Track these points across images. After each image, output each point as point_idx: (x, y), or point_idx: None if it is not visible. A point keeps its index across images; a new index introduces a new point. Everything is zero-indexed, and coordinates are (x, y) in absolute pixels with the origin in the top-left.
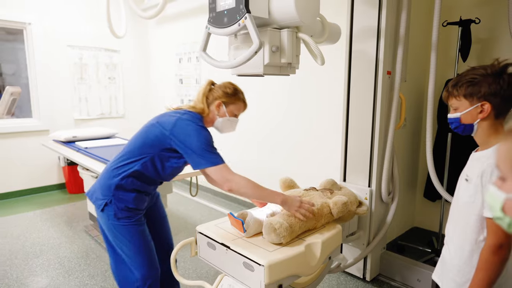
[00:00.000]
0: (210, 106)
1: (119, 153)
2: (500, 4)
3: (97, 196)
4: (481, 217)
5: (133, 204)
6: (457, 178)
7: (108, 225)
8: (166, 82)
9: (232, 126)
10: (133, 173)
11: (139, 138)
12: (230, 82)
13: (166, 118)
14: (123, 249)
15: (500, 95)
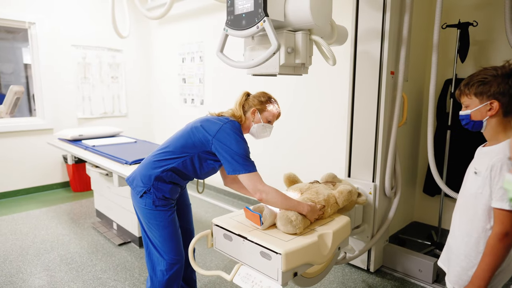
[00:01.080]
0: (246, 114)
1: (161, 147)
2: (496, 8)
3: (137, 183)
4: (489, 207)
5: (169, 194)
6: (455, 173)
7: (144, 211)
8: (168, 81)
9: (267, 132)
10: (173, 168)
11: (182, 137)
12: (264, 92)
13: (211, 123)
14: (155, 234)
15: (508, 94)
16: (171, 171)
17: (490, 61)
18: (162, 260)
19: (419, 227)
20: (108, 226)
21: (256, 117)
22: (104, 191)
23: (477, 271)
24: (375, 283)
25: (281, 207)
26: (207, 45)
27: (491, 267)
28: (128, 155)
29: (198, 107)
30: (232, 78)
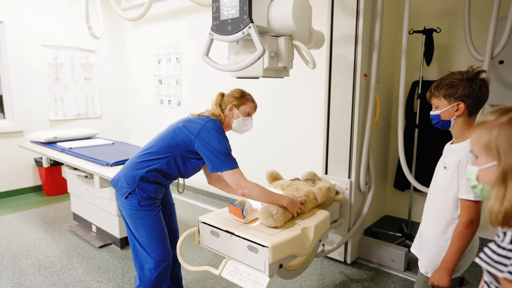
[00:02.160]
0: (224, 112)
1: (145, 148)
2: (456, 16)
3: (121, 184)
4: (456, 198)
5: (154, 193)
6: (423, 169)
7: (130, 211)
8: (144, 82)
9: (248, 125)
10: (157, 169)
11: (166, 138)
12: (237, 88)
13: (193, 123)
14: (142, 234)
15: (472, 97)
16: (155, 171)
17: (452, 64)
18: (149, 258)
19: (391, 220)
20: (87, 229)
21: (235, 113)
22: (82, 194)
23: (447, 255)
24: (352, 274)
25: (263, 200)
26: (183, 46)
27: (458, 251)
28: (107, 156)
29: (175, 108)
30: (210, 79)
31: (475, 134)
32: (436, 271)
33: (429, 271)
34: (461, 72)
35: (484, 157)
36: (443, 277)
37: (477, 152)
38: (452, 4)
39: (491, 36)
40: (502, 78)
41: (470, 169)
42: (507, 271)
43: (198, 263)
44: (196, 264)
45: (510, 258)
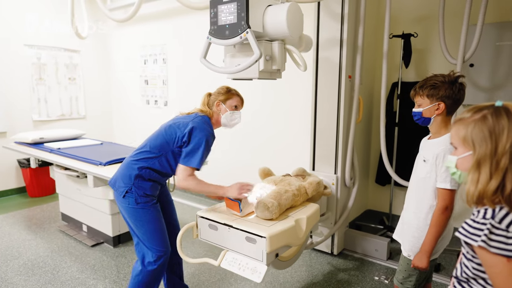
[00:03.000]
0: (213, 109)
1: (139, 148)
2: (431, 22)
3: (119, 184)
4: (435, 188)
5: (150, 191)
6: (403, 164)
7: (129, 209)
8: (130, 83)
9: (236, 118)
10: (151, 167)
11: (157, 137)
12: (222, 86)
13: (181, 120)
14: (141, 230)
15: (452, 98)
16: (149, 169)
17: (428, 67)
18: (149, 252)
19: (373, 214)
20: (77, 229)
21: (222, 108)
22: (72, 194)
23: (425, 239)
24: (339, 264)
25: (203, 192)
26: (170, 47)
27: (435, 235)
28: (99, 156)
29: (162, 108)
30: (196, 80)
31: (454, 129)
32: (417, 254)
33: (411, 254)
34: (443, 75)
35: (461, 148)
36: (423, 259)
37: (456, 144)
38: (427, 10)
39: (462, 42)
40: (473, 80)
41: (450, 158)
42: (480, 240)
43: (194, 256)
44: (194, 256)
45: (483, 229)
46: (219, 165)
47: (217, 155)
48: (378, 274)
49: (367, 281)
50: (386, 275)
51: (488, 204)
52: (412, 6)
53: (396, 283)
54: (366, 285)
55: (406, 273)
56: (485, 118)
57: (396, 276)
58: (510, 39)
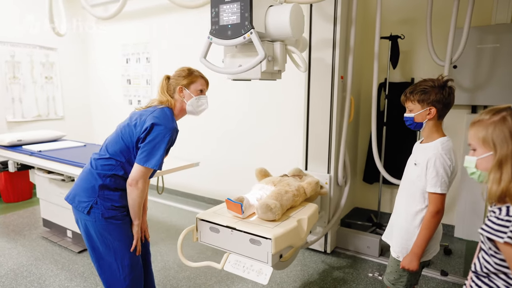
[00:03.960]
0: (174, 96)
1: (98, 154)
2: (416, 24)
3: (80, 199)
4: (424, 191)
5: (119, 202)
6: (391, 163)
7: (95, 226)
8: (111, 82)
9: (203, 103)
10: (115, 174)
11: (116, 141)
12: (182, 67)
13: (137, 117)
14: (110, 247)
15: (442, 102)
16: (114, 177)
17: (413, 68)
18: (120, 272)
19: (360, 212)
20: (61, 235)
21: (186, 94)
22: (55, 199)
23: (416, 241)
24: (333, 262)
25: (131, 207)
26: (154, 46)
27: (426, 237)
28: (84, 158)
29: None
30: None
31: (472, 131)
32: (407, 256)
33: (400, 255)
34: (432, 80)
35: (481, 148)
36: (413, 261)
37: (475, 145)
38: (410, 13)
39: (450, 44)
40: (456, 81)
41: (468, 159)
42: (506, 236)
43: None
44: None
45: (508, 226)
46: (210, 166)
47: (207, 156)
48: (371, 270)
49: (361, 278)
50: (379, 271)
51: (510, 201)
52: (395, 9)
53: (388, 283)
54: (361, 282)
55: (396, 274)
56: (505, 120)
57: (387, 277)
58: (490, 42)
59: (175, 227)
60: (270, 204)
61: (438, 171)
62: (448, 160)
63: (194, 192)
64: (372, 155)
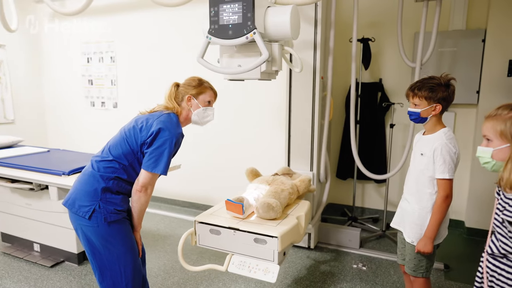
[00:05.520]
0: (181, 104)
1: (100, 156)
2: (383, 27)
3: (80, 203)
4: (432, 178)
5: (120, 206)
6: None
7: (98, 232)
8: (69, 83)
9: (209, 115)
10: (118, 177)
11: (120, 143)
12: (193, 76)
13: (143, 121)
14: (113, 253)
15: (447, 100)
16: (117, 180)
17: (380, 69)
18: (122, 278)
19: (334, 207)
20: (26, 249)
21: (194, 103)
22: (18, 210)
23: (429, 225)
24: (318, 257)
25: (135, 212)
26: (119, 45)
27: (438, 221)
28: (55, 165)
29: (111, 110)
30: (152, 79)
31: (489, 124)
32: (421, 240)
33: (414, 240)
34: (437, 78)
35: (498, 140)
36: (427, 244)
37: (491, 137)
38: (378, 17)
39: (420, 48)
40: None
41: (483, 149)
42: None
43: (193, 262)
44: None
45: None
46: (187, 169)
47: (187, 158)
48: (355, 262)
49: (347, 269)
50: (362, 262)
51: None
52: (363, 13)
53: (410, 272)
54: (347, 273)
55: (415, 261)
56: None
57: (408, 265)
58: (449, 46)
59: (151, 233)
60: (271, 203)
61: (445, 159)
62: (453, 147)
63: (168, 196)
64: (344, 152)
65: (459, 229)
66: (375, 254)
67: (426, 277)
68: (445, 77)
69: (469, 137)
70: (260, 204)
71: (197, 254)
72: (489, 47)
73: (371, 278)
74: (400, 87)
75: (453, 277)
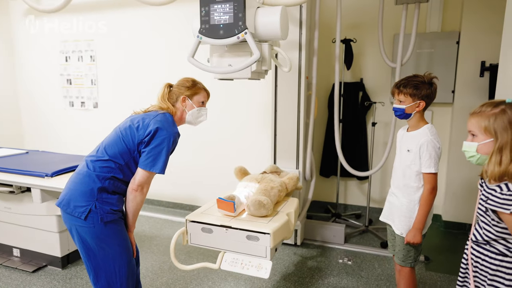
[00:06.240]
0: (176, 104)
1: (95, 156)
2: (363, 29)
3: (76, 204)
4: (418, 172)
5: (116, 206)
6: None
7: (94, 232)
8: (46, 82)
9: (203, 115)
10: (114, 177)
11: (116, 143)
12: (185, 77)
13: (140, 120)
14: (108, 253)
15: (430, 97)
16: (113, 179)
17: (361, 69)
18: (117, 277)
19: (317, 204)
20: (5, 255)
21: (188, 104)
22: None
23: (417, 216)
24: (304, 253)
25: (131, 212)
26: (99, 44)
27: (426, 213)
28: (37, 167)
29: (91, 110)
30: (135, 79)
31: (474, 120)
32: (410, 232)
33: (403, 232)
34: (421, 76)
35: (482, 135)
36: (416, 235)
37: (476, 133)
38: (358, 19)
39: (400, 48)
40: None
41: (469, 144)
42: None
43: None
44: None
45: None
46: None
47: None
48: (340, 257)
49: (333, 264)
50: (348, 256)
51: (509, 180)
52: (343, 14)
53: (399, 262)
54: (334, 268)
55: (404, 251)
56: (505, 112)
57: (397, 256)
58: (426, 47)
59: (136, 235)
60: (262, 201)
61: (431, 154)
62: (437, 143)
63: (152, 197)
64: (327, 150)
65: (436, 223)
66: (359, 249)
67: (413, 266)
68: (428, 76)
69: (445, 134)
70: (251, 201)
71: (185, 254)
72: (463, 48)
73: (356, 272)
74: (380, 87)
75: (433, 268)
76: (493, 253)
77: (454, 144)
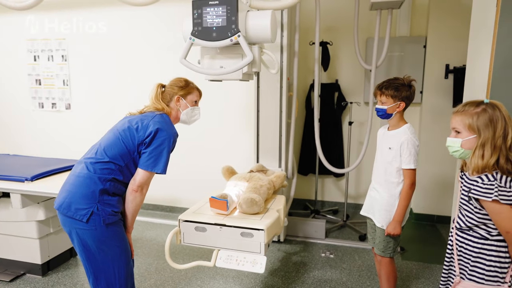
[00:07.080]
0: (170, 104)
1: (94, 158)
2: (338, 32)
3: (77, 206)
4: (399, 168)
5: (117, 207)
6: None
7: (95, 235)
8: (12, 83)
9: (196, 114)
10: (116, 178)
11: (116, 144)
12: (178, 77)
13: (138, 122)
14: (108, 255)
15: (409, 98)
16: (114, 181)
17: (336, 71)
18: (117, 280)
19: (296, 202)
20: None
21: (182, 104)
22: None
23: (397, 210)
24: (288, 249)
25: (130, 213)
26: (71, 43)
27: (406, 206)
28: (16, 171)
29: (63, 112)
30: (110, 80)
31: (458, 118)
32: (390, 224)
33: (384, 224)
34: (402, 79)
35: (466, 132)
36: (396, 227)
37: (461, 129)
38: (333, 22)
39: (375, 52)
40: (375, 82)
41: (453, 140)
42: (494, 195)
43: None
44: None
45: (493, 189)
46: None
47: None
48: (323, 251)
49: (316, 258)
50: (329, 250)
51: (489, 172)
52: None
53: (379, 253)
54: (317, 262)
55: (384, 242)
56: (486, 111)
57: (377, 247)
58: (396, 50)
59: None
60: (254, 198)
61: (411, 151)
62: (416, 141)
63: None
64: (305, 149)
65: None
66: (339, 243)
67: (393, 257)
68: (407, 79)
69: None
70: (244, 199)
71: (173, 255)
72: (429, 52)
73: (338, 264)
74: (355, 87)
75: (408, 257)
76: (476, 237)
77: (423, 142)
